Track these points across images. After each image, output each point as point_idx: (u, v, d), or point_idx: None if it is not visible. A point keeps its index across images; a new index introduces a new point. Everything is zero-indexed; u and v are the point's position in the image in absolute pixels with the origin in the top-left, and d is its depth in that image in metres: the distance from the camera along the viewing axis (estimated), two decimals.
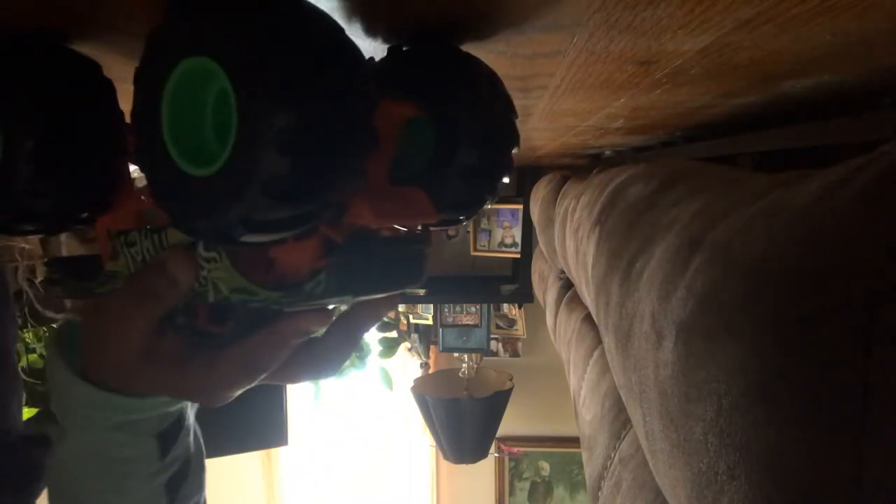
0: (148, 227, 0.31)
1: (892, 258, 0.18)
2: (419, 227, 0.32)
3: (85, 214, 0.32)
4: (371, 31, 0.30)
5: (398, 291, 0.31)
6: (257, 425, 1.67)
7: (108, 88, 0.30)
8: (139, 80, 0.25)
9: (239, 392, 0.30)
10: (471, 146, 0.31)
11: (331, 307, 0.30)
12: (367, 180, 0.24)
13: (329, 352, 0.32)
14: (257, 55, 0.21)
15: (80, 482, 0.32)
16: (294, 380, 0.32)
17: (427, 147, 0.31)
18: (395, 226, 0.31)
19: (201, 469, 0.36)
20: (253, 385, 0.30)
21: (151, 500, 0.32)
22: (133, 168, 0.32)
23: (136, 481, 0.32)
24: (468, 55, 0.32)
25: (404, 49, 0.32)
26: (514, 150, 0.33)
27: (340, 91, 0.22)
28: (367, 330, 0.32)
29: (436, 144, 0.31)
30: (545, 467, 2.47)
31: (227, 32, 0.21)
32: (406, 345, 2.32)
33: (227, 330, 0.31)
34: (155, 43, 0.24)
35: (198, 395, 0.31)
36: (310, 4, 0.22)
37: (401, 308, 2.19)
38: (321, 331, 0.31)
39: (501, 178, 0.33)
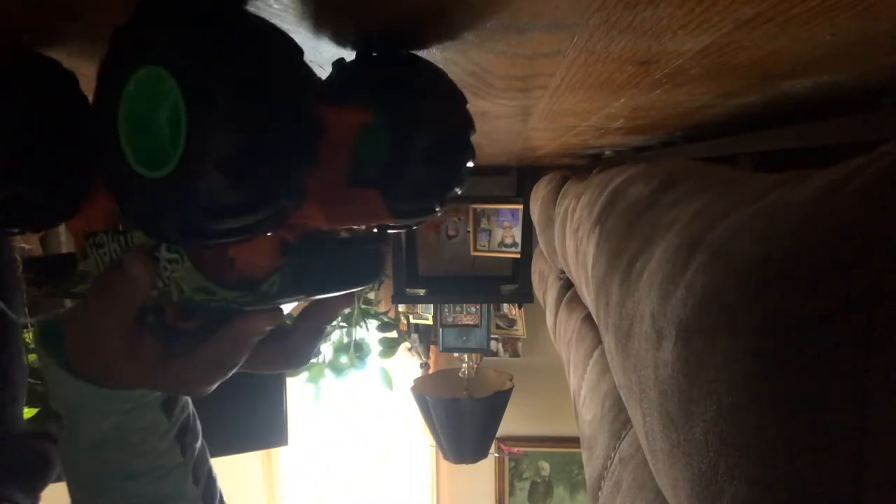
0: (117, 228, 0.31)
1: (892, 258, 0.18)
2: (375, 228, 0.34)
3: (55, 214, 0.32)
4: (338, 36, 0.31)
5: (356, 289, 0.32)
6: (257, 425, 1.67)
7: (79, 91, 0.31)
8: (99, 84, 0.25)
9: (216, 384, 0.33)
10: (425, 150, 0.32)
11: (285, 307, 0.31)
12: (319, 184, 0.25)
13: (297, 344, 0.36)
14: (207, 67, 0.22)
15: (103, 460, 0.35)
16: (269, 369, 0.36)
17: (383, 150, 0.32)
18: (352, 226, 0.32)
19: (196, 417, 0.41)
20: (228, 376, 0.33)
21: (168, 453, 0.37)
22: None
23: (152, 443, 0.37)
24: (428, 63, 0.33)
25: (366, 56, 0.33)
26: (469, 162, 0.34)
27: (288, 102, 0.23)
28: (329, 323, 0.36)
29: (391, 148, 0.32)
30: (545, 467, 2.46)
31: (180, 44, 0.22)
32: (406, 345, 2.32)
33: (192, 327, 0.32)
34: (116, 49, 0.25)
35: (180, 390, 0.35)
36: (262, 20, 0.23)
37: (401, 308, 2.19)
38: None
39: (456, 181, 0.34)
